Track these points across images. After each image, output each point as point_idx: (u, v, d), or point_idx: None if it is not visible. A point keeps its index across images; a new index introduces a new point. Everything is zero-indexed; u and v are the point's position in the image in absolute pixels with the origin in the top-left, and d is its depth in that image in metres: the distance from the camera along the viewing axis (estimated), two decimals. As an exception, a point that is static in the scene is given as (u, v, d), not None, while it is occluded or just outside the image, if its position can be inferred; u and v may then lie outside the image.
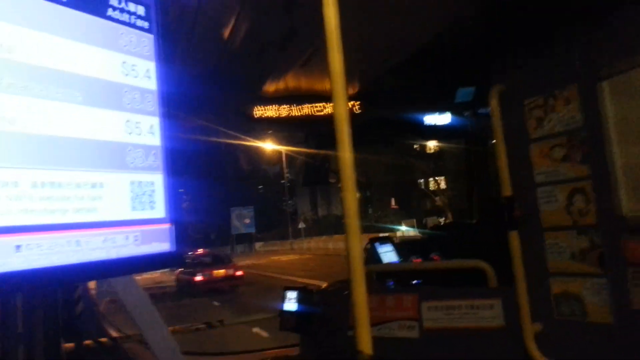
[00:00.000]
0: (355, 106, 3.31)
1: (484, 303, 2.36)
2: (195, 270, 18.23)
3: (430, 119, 3.76)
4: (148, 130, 1.48)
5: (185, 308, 14.04)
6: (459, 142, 4.75)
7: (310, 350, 3.07)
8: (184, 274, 18.99)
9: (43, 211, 1.20)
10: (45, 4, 1.27)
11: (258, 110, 3.21)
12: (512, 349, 2.20)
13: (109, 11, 1.43)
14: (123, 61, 1.45)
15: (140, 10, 1.52)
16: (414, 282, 3.32)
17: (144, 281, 20.84)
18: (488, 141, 3.97)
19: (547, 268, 2.18)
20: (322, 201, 51.13)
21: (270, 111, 3.28)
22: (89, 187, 1.31)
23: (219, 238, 53.66)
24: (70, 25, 1.32)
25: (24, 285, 1.23)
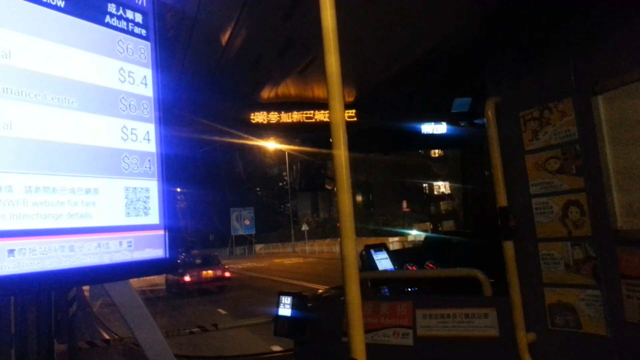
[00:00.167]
0: (352, 115, 3.32)
1: (479, 312, 2.37)
2: (184, 271, 18.42)
3: (427, 128, 3.77)
4: (144, 137, 1.49)
5: (187, 316, 13.54)
6: (456, 151, 4.77)
7: (304, 356, 3.06)
8: (173, 274, 19.07)
9: (37, 216, 1.20)
10: (44, 10, 1.27)
11: (255, 116, 3.21)
12: (506, 358, 2.21)
13: (107, 18, 1.44)
14: (120, 68, 1.46)
15: (138, 17, 1.53)
16: (408, 290, 3.33)
17: (139, 283, 20.79)
18: (484, 151, 3.99)
19: (542, 278, 2.18)
20: (323, 204, 50.38)
21: (267, 117, 3.30)
22: (83, 193, 1.31)
23: (218, 239, 52.84)
24: (67, 31, 1.33)
25: (16, 289, 1.23)
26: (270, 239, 51.70)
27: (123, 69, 1.46)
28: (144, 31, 1.54)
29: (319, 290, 3.68)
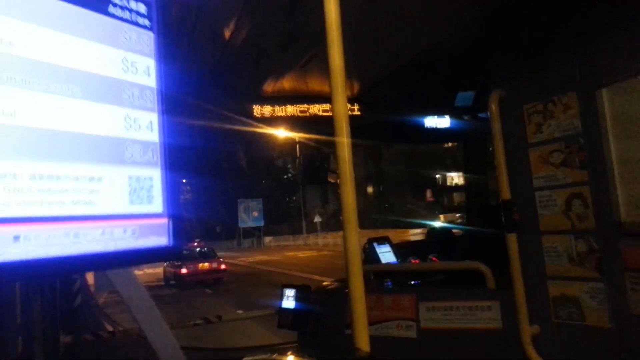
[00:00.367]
0: (355, 109, 3.32)
1: (482, 305, 2.37)
2: (181, 263, 18.79)
3: (430, 122, 3.77)
4: (147, 126, 1.50)
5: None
6: (460, 145, 4.75)
7: (307, 348, 3.08)
8: (171, 267, 19.63)
9: (41, 203, 1.21)
10: (47, -1, 1.28)
11: (258, 109, 3.22)
12: (509, 351, 2.21)
13: (110, 8, 1.44)
14: (123, 57, 1.46)
15: (142, 8, 1.54)
16: (412, 283, 3.33)
17: (146, 277, 20.86)
18: (487, 145, 3.98)
19: (545, 271, 2.18)
20: (333, 195, 48.56)
21: (269, 111, 3.30)
22: (87, 181, 1.32)
23: (225, 231, 51.45)
24: (71, 20, 1.34)
25: (22, 275, 1.24)
26: (279, 231, 49.91)
27: (126, 59, 1.47)
28: (147, 21, 1.55)
29: (323, 283, 3.69)
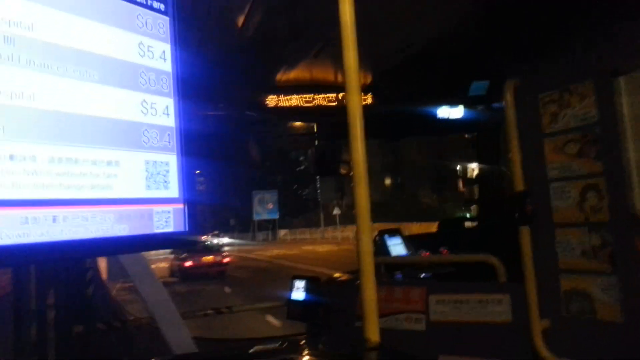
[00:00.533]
0: (367, 98, 3.31)
1: (493, 298, 2.36)
2: (185, 256, 19.39)
3: (443, 112, 3.74)
4: (163, 111, 1.51)
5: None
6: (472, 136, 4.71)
7: (317, 339, 3.09)
8: (177, 260, 20.19)
9: (59, 186, 1.22)
10: (65, -17, 1.29)
11: (271, 99, 3.22)
12: (519, 344, 2.20)
13: (127, -8, 1.45)
14: (139, 42, 1.47)
15: (157, -8, 1.54)
16: (422, 276, 3.33)
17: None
18: (500, 135, 3.94)
19: (557, 264, 2.16)
20: (349, 187, 47.06)
21: (282, 101, 3.29)
22: (105, 165, 1.33)
23: (239, 224, 50.22)
24: (88, 5, 1.35)
25: (38, 257, 1.26)
26: (294, 224, 48.40)
27: (142, 43, 1.47)
28: (162, 6, 1.56)
29: (334, 275, 3.70)
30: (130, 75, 1.43)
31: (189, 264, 19.21)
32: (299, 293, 3.04)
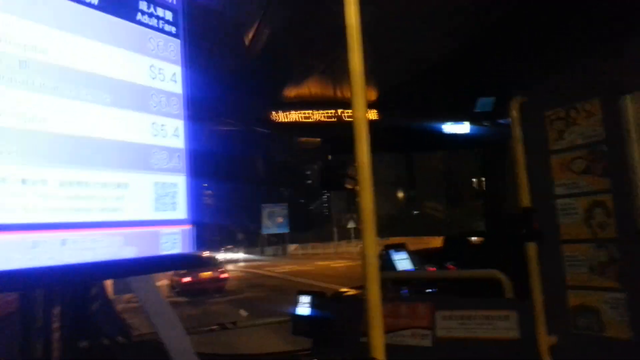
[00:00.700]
0: (374, 114, 3.32)
1: (500, 314, 2.35)
2: (184, 272, 19.15)
3: (449, 127, 3.75)
4: (173, 133, 1.52)
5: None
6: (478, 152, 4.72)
7: (322, 355, 3.07)
8: (176, 276, 20.13)
9: (69, 210, 1.23)
10: (78, 7, 1.30)
11: (276, 115, 3.23)
12: None
13: (138, 15, 1.46)
14: (151, 65, 1.48)
15: (169, 15, 1.56)
16: (428, 291, 3.31)
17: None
18: (506, 152, 3.94)
19: (565, 281, 2.15)
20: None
21: (288, 116, 3.30)
22: (114, 187, 1.33)
23: (247, 238, 49.26)
24: (101, 28, 1.36)
25: (47, 281, 1.26)
26: (304, 238, 46.54)
27: (154, 66, 1.49)
28: (174, 29, 1.57)
29: (340, 290, 3.68)
30: (142, 97, 1.44)
31: (187, 279, 19.18)
32: (304, 308, 3.03)
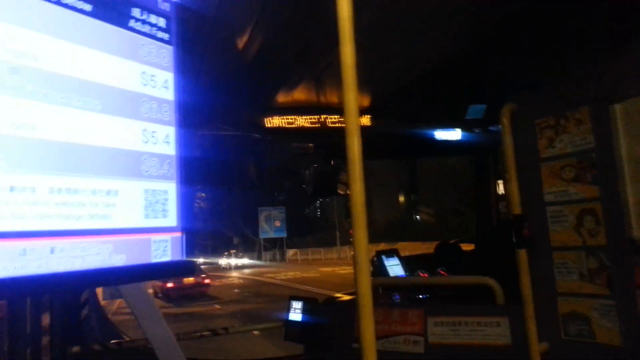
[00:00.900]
0: (366, 120, 3.33)
1: (491, 320, 2.35)
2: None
3: (441, 134, 3.77)
4: (164, 140, 1.51)
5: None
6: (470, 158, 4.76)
7: (314, 361, 3.06)
8: (159, 281, 19.99)
9: (58, 217, 1.21)
10: (71, 13, 1.30)
11: (269, 121, 3.23)
12: None
13: (131, 22, 1.46)
14: (142, 71, 1.48)
15: (161, 22, 1.55)
16: (420, 297, 3.31)
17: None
18: (497, 159, 3.97)
19: (555, 288, 2.16)
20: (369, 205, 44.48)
21: (280, 122, 3.30)
22: (104, 194, 1.32)
23: (243, 243, 46.88)
24: (93, 35, 1.35)
25: (36, 290, 1.24)
26: (303, 242, 45.14)
27: (145, 73, 1.48)
28: (166, 35, 1.57)
29: (333, 295, 3.68)
30: (133, 104, 1.43)
31: (170, 285, 19.27)
32: (296, 314, 3.02)
